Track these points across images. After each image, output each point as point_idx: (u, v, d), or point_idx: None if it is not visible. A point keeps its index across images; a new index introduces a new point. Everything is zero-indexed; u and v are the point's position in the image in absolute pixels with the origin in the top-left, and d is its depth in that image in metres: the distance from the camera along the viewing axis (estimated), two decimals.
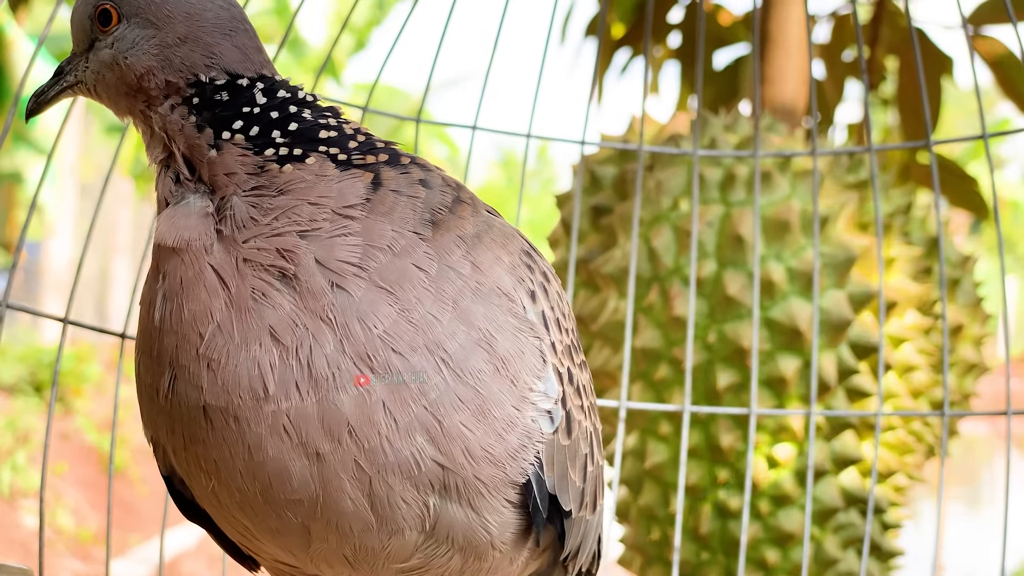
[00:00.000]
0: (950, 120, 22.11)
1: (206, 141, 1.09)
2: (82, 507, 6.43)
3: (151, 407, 1.11)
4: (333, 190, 1.06)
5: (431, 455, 1.04)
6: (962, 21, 1.95)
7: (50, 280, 10.80)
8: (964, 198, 3.31)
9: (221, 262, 1.04)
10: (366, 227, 1.05)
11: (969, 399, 2.66)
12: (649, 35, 2.04)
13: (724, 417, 2.37)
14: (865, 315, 2.38)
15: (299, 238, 1.04)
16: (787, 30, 2.91)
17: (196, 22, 1.10)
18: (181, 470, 1.12)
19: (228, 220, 1.06)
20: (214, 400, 1.03)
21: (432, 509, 1.07)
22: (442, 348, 1.04)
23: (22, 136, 8.34)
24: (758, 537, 2.39)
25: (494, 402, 1.06)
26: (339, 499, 1.05)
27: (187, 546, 5.96)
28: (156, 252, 1.08)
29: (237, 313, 1.03)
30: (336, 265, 1.03)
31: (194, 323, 1.04)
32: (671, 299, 2.38)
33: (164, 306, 1.06)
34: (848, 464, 2.40)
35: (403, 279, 1.04)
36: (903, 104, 3.35)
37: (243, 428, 1.03)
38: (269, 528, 1.09)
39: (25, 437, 6.55)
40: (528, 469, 1.10)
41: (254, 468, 1.05)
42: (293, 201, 1.05)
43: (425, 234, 1.07)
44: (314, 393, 1.02)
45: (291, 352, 1.02)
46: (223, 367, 1.03)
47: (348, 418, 1.02)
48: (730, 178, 2.43)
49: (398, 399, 1.03)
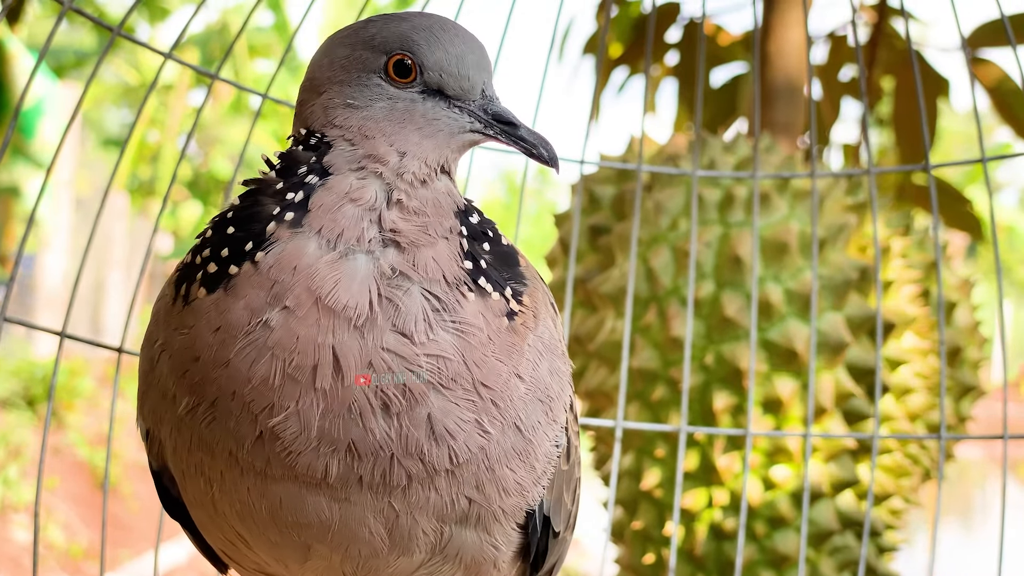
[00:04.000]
0: (948, 145, 22.18)
1: (449, 228, 1.04)
2: (73, 522, 6.40)
3: (160, 404, 1.07)
4: (496, 333, 1.04)
5: (468, 495, 1.06)
6: (961, 43, 1.95)
7: (44, 294, 10.77)
8: (959, 219, 3.32)
9: (346, 350, 0.98)
10: (494, 343, 1.04)
11: (965, 423, 2.65)
12: (650, 55, 2.04)
13: (720, 438, 2.36)
14: (863, 338, 2.38)
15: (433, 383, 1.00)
16: (786, 51, 2.91)
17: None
18: (177, 470, 1.10)
19: (393, 310, 0.99)
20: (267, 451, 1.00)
21: (447, 534, 1.08)
22: (518, 414, 1.06)
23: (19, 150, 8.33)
24: (753, 559, 2.38)
25: (538, 444, 1.09)
26: (357, 530, 1.05)
27: (178, 561, 5.93)
28: (287, 280, 0.99)
29: (326, 405, 0.98)
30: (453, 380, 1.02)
31: (276, 379, 0.98)
32: (669, 319, 2.37)
33: (254, 335, 0.98)
34: (845, 487, 2.39)
35: (498, 379, 1.04)
36: (899, 125, 3.36)
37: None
38: (267, 540, 1.08)
39: (17, 451, 6.52)
40: (543, 495, 1.13)
41: (264, 491, 1.03)
42: (463, 338, 1.01)
43: (511, 324, 1.06)
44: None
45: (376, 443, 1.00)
46: (294, 431, 0.99)
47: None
48: (729, 199, 2.43)
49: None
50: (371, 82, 1.05)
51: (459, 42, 1.06)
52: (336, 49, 1.08)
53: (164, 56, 1.76)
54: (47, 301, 10.77)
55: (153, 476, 1.19)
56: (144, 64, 15.42)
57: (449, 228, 1.03)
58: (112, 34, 1.70)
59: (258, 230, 1.01)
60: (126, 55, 15.33)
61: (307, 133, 1.07)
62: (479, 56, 1.07)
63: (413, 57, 1.05)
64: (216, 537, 1.14)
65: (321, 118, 1.07)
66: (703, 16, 2.18)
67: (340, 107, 1.06)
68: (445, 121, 1.05)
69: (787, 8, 2.92)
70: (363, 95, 1.05)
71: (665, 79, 3.75)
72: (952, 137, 22.46)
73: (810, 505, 2.36)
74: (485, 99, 1.07)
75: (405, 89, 1.05)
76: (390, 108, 1.05)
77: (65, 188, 10.86)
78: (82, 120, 12.19)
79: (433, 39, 1.05)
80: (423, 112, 1.05)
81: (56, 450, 7.19)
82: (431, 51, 1.05)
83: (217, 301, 1.00)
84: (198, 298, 1.02)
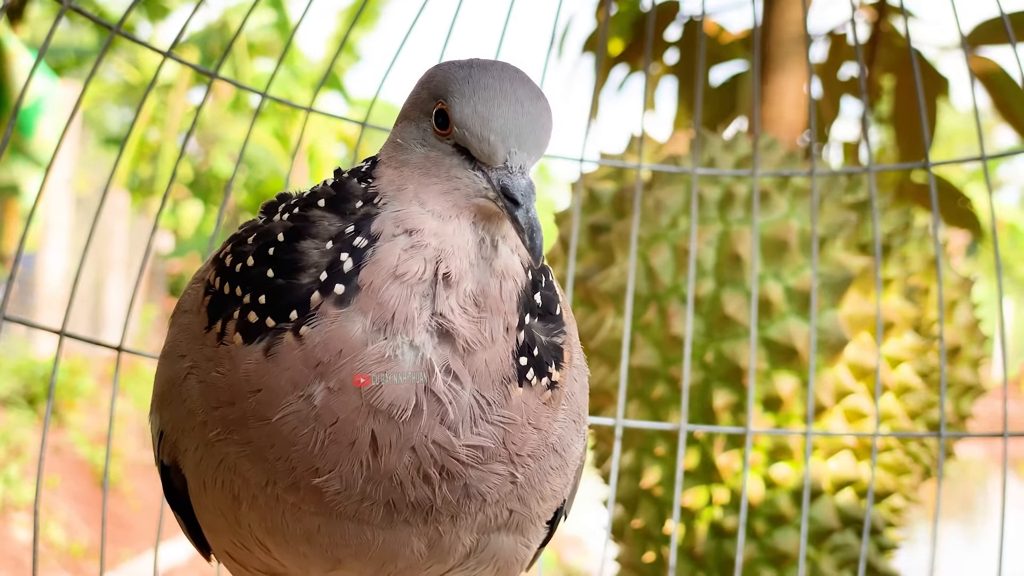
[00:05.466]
0: (950, 145, 22.15)
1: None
2: (74, 521, 6.40)
3: (184, 419, 1.06)
4: (535, 411, 1.04)
5: (510, 507, 1.08)
6: (961, 41, 1.95)
7: (44, 292, 10.77)
8: (959, 217, 3.32)
9: (386, 436, 0.97)
10: (533, 421, 1.05)
11: (966, 421, 2.65)
12: (649, 53, 2.04)
13: (721, 436, 2.36)
14: (863, 335, 2.37)
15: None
16: (785, 49, 2.91)
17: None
18: (197, 479, 1.09)
19: (440, 408, 0.98)
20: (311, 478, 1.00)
21: (484, 541, 1.10)
22: (555, 442, 1.08)
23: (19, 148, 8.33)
24: (754, 557, 2.38)
25: (571, 455, 1.12)
26: (399, 549, 1.05)
27: (179, 561, 5.92)
28: (332, 362, 0.97)
29: (368, 474, 0.99)
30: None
31: (318, 447, 0.98)
32: (669, 317, 2.37)
33: (296, 406, 0.97)
34: (845, 485, 2.39)
35: (535, 444, 1.06)
36: (899, 123, 3.36)
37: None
38: (295, 552, 1.07)
39: (18, 450, 6.52)
40: (568, 490, 1.17)
41: (300, 516, 1.04)
42: (505, 428, 1.02)
43: (552, 392, 1.07)
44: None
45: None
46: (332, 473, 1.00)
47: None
48: (729, 197, 2.43)
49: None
50: (422, 126, 1.02)
51: (494, 102, 0.98)
52: (417, 85, 1.06)
53: (164, 55, 1.75)
54: (47, 300, 10.77)
55: (160, 470, 1.18)
56: (144, 63, 15.41)
57: (506, 327, 1.00)
58: (112, 32, 1.70)
59: (301, 294, 0.98)
60: (126, 54, 15.33)
61: (373, 159, 1.05)
62: (510, 121, 0.98)
63: (448, 109, 1.00)
64: (225, 541, 1.13)
65: (385, 150, 1.05)
66: (703, 14, 2.18)
67: (393, 144, 1.04)
68: (464, 181, 0.99)
69: (787, 6, 2.92)
70: (411, 137, 1.03)
71: (665, 77, 3.75)
72: (955, 136, 22.44)
73: (810, 503, 2.36)
74: (504, 169, 0.99)
75: (442, 141, 1.01)
76: (424, 156, 1.01)
77: (65, 187, 10.85)
78: (82, 119, 12.18)
79: (467, 92, 0.99)
80: (448, 167, 1.00)
81: (56, 449, 7.19)
82: (460, 106, 0.99)
83: (258, 363, 0.98)
84: (235, 343, 1.00)
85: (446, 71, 1.01)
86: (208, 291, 1.05)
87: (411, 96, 1.05)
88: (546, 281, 1.07)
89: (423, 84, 1.04)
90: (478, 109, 0.98)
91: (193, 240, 15.01)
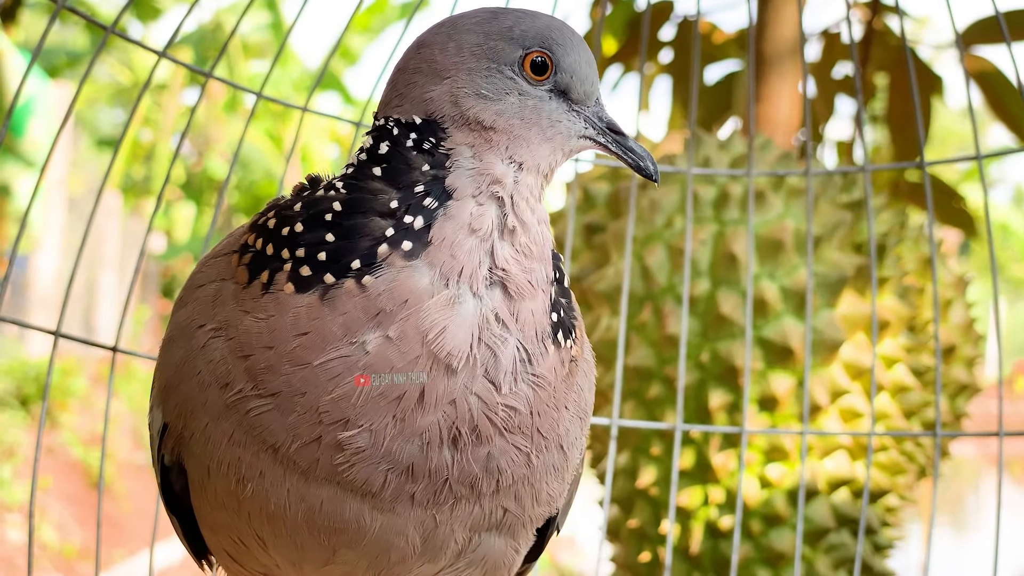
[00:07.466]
0: (945, 145, 22.20)
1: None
2: (67, 522, 6.39)
3: (196, 394, 1.05)
4: (560, 381, 1.06)
5: (505, 506, 1.07)
6: (956, 39, 1.95)
7: (37, 293, 10.75)
8: (952, 216, 3.32)
9: (434, 387, 0.98)
10: (557, 391, 1.07)
11: (961, 420, 2.65)
12: (644, 53, 2.03)
13: (716, 436, 2.36)
14: (858, 335, 2.38)
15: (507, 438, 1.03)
16: (779, 49, 2.91)
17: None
18: (201, 467, 1.07)
19: (490, 358, 1.00)
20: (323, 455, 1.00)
21: (476, 540, 1.09)
22: (562, 437, 1.08)
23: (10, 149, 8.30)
24: (749, 557, 2.38)
25: (573, 457, 1.12)
26: (394, 539, 1.05)
27: (172, 562, 5.92)
28: (395, 312, 0.98)
29: (399, 430, 0.99)
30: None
31: (358, 398, 0.98)
32: (664, 317, 2.37)
33: (345, 352, 0.98)
34: (840, 484, 2.39)
35: (552, 423, 1.07)
36: (893, 123, 3.36)
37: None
38: (292, 543, 1.07)
39: (11, 451, 6.51)
40: (563, 500, 1.16)
41: (305, 493, 1.03)
42: (536, 391, 1.03)
43: (570, 366, 1.09)
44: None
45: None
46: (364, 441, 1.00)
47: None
48: (724, 197, 2.43)
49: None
50: (503, 74, 1.04)
51: (585, 49, 1.07)
52: (464, 35, 1.06)
53: (158, 55, 1.75)
54: (40, 301, 10.75)
55: (160, 472, 1.16)
56: (137, 63, 15.38)
57: (547, 279, 1.04)
58: (105, 33, 1.69)
59: (366, 247, 0.99)
60: (119, 54, 15.29)
61: (423, 124, 1.04)
62: (594, 67, 1.09)
63: (551, 56, 1.05)
64: (225, 539, 1.12)
65: (449, 109, 1.04)
66: (697, 14, 2.18)
67: (472, 96, 1.04)
68: (566, 124, 1.06)
69: (781, 5, 2.92)
70: (495, 87, 1.04)
71: (659, 77, 3.75)
72: (948, 136, 22.49)
73: (806, 503, 2.36)
74: (599, 106, 1.08)
75: (536, 87, 1.05)
76: (520, 104, 1.04)
77: (58, 188, 10.84)
78: (75, 119, 12.16)
79: (568, 41, 1.06)
80: (548, 112, 1.05)
81: (50, 450, 7.17)
82: (566, 53, 1.05)
83: (310, 306, 0.98)
84: (284, 292, 0.99)
85: (531, 22, 1.06)
86: (247, 251, 1.04)
87: (465, 48, 1.05)
88: (560, 269, 1.11)
89: (490, 35, 1.05)
90: (581, 55, 1.06)
91: (187, 243, 14.94)
